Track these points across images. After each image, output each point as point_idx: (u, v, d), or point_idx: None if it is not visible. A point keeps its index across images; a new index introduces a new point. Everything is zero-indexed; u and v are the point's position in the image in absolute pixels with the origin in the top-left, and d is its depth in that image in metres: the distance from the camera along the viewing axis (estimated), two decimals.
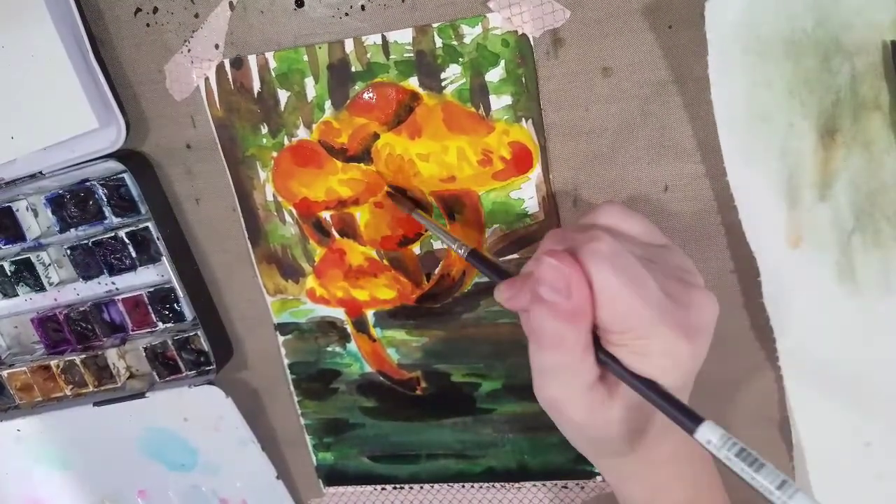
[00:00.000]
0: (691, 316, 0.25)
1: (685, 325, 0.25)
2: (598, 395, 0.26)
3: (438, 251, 0.38)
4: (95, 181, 0.40)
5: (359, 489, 0.46)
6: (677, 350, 0.25)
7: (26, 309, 0.45)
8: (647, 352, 0.25)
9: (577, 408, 0.26)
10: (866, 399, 0.34)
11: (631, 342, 0.25)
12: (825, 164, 0.31)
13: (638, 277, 0.24)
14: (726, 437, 0.23)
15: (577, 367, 0.25)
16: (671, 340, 0.25)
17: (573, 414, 0.26)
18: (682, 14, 0.31)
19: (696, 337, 0.25)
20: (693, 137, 0.33)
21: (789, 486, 0.21)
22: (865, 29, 0.29)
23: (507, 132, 0.35)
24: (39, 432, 0.47)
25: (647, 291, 0.24)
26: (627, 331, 0.25)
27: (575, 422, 0.27)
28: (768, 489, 0.21)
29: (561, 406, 0.27)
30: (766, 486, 0.21)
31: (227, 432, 0.44)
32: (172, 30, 0.36)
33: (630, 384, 0.25)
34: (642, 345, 0.25)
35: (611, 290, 0.24)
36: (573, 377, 0.26)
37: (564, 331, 0.25)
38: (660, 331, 0.24)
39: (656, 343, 0.25)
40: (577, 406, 0.26)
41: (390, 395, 0.43)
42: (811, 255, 0.32)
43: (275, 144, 0.38)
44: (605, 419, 0.26)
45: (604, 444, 0.28)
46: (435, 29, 0.34)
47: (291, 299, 0.41)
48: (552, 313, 0.25)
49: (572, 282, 0.24)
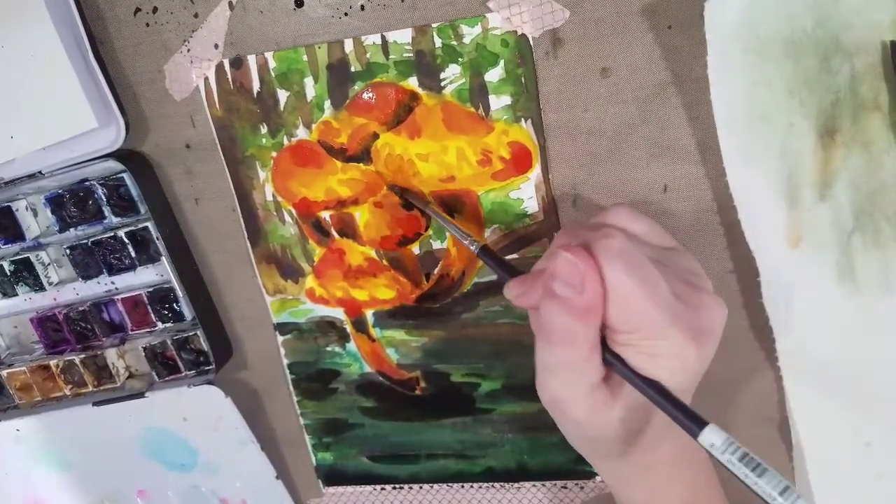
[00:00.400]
0: (700, 319, 0.25)
1: (694, 328, 0.25)
2: (601, 395, 0.26)
3: (438, 251, 0.38)
4: (95, 181, 0.40)
5: (358, 489, 0.46)
6: (686, 353, 0.25)
7: (26, 309, 0.45)
8: (655, 353, 0.25)
9: (580, 407, 0.26)
10: (866, 399, 0.34)
11: (639, 343, 0.25)
12: (825, 164, 0.31)
13: (650, 278, 0.24)
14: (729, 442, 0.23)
15: (583, 366, 0.25)
16: (680, 343, 0.24)
17: (575, 413, 0.26)
18: (681, 14, 0.31)
19: (704, 340, 0.25)
20: (692, 138, 0.33)
21: (791, 492, 0.21)
22: (865, 29, 0.29)
23: (507, 132, 0.35)
24: (39, 432, 0.47)
25: (659, 292, 0.24)
26: (636, 331, 0.25)
27: (576, 421, 0.27)
28: (770, 495, 0.21)
29: (563, 405, 0.26)
30: (768, 492, 0.21)
31: (227, 432, 0.44)
32: (172, 30, 0.36)
33: (636, 385, 0.25)
34: (651, 346, 0.25)
35: (623, 289, 0.24)
36: (579, 376, 0.26)
37: (575, 327, 0.25)
38: (669, 333, 0.24)
39: (665, 345, 0.24)
40: (579, 405, 0.26)
41: (390, 395, 0.43)
42: (811, 255, 0.32)
43: (274, 144, 0.38)
44: (606, 420, 0.26)
45: (601, 445, 0.28)
46: (434, 29, 0.34)
47: (291, 299, 0.41)
48: (564, 309, 0.25)
49: (586, 277, 0.24)
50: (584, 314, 0.25)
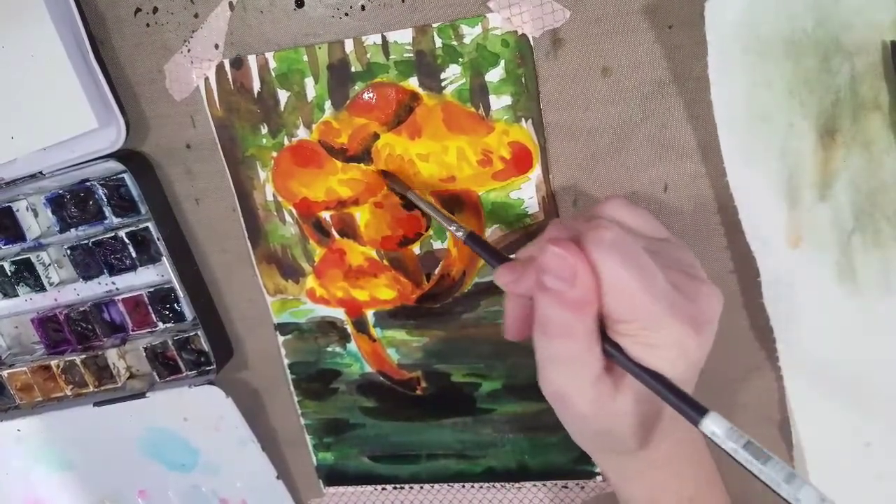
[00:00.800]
0: (698, 308, 0.26)
1: (693, 316, 0.25)
2: (604, 386, 0.26)
3: (438, 251, 0.38)
4: (95, 181, 0.40)
5: (359, 489, 0.46)
6: (685, 342, 0.25)
7: (26, 309, 0.45)
8: (654, 343, 0.25)
9: (584, 399, 0.26)
10: (866, 399, 0.34)
11: (638, 333, 0.25)
12: (825, 164, 0.31)
13: (645, 267, 0.24)
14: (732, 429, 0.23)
15: (584, 357, 0.25)
16: (679, 332, 0.25)
17: (579, 406, 0.26)
18: (682, 14, 0.31)
19: (702, 329, 0.25)
20: (693, 137, 0.33)
21: (797, 479, 0.21)
22: (865, 29, 0.29)
23: (507, 132, 0.35)
24: (39, 432, 0.47)
25: (655, 281, 0.24)
26: (634, 321, 0.25)
27: (581, 414, 0.27)
28: (775, 481, 0.21)
29: (567, 398, 0.26)
30: (773, 479, 0.21)
31: (228, 432, 0.44)
32: (172, 30, 0.36)
33: (635, 375, 0.25)
34: (650, 336, 0.25)
35: (618, 279, 0.24)
36: (580, 367, 0.26)
37: (571, 320, 0.25)
38: (667, 322, 0.24)
39: (664, 334, 0.25)
40: (583, 398, 0.26)
41: (390, 395, 0.43)
42: (811, 255, 0.32)
43: (275, 144, 0.38)
44: (612, 411, 0.26)
45: (609, 439, 0.28)
46: (435, 29, 0.34)
47: (291, 299, 0.41)
48: (558, 302, 0.25)
49: (577, 271, 0.24)
50: (578, 307, 0.25)
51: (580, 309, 0.25)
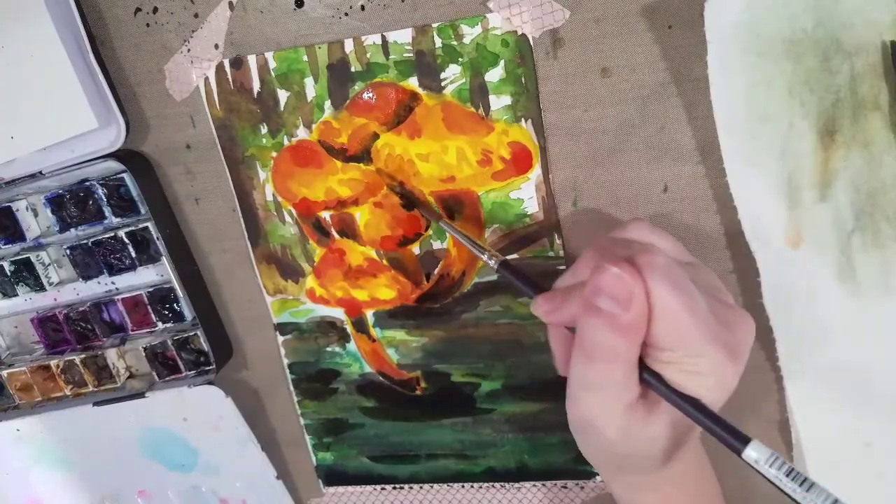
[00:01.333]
0: (733, 335, 0.25)
1: (731, 344, 0.25)
2: (637, 413, 0.26)
3: (438, 251, 0.38)
4: (95, 181, 0.40)
5: (358, 489, 0.46)
6: (724, 370, 0.25)
7: (26, 309, 0.45)
8: (696, 371, 0.24)
9: (613, 426, 0.26)
10: (866, 399, 0.34)
11: (682, 360, 0.24)
12: (825, 164, 0.31)
13: (692, 295, 0.24)
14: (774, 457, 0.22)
15: (623, 383, 0.25)
16: (720, 360, 0.24)
17: (609, 433, 0.26)
18: (681, 14, 0.31)
19: (739, 357, 0.25)
20: (692, 138, 0.33)
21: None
22: (865, 29, 0.29)
23: (507, 132, 0.35)
24: (39, 432, 0.47)
25: (701, 310, 0.24)
26: (679, 348, 0.24)
27: (608, 440, 0.26)
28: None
29: (596, 423, 0.26)
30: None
31: (227, 432, 0.44)
32: (172, 30, 0.36)
33: (675, 403, 0.25)
34: (693, 363, 0.24)
35: (670, 306, 0.24)
36: (617, 394, 0.25)
37: (619, 344, 0.24)
38: (708, 350, 0.24)
39: (706, 362, 0.24)
40: (613, 424, 0.26)
41: (390, 395, 0.43)
42: (811, 255, 0.32)
43: (274, 144, 0.38)
44: (643, 437, 0.26)
45: (632, 461, 0.27)
46: (434, 29, 0.34)
47: (291, 299, 0.41)
48: (609, 325, 0.24)
49: (634, 294, 0.24)
50: (629, 331, 0.24)
51: (630, 334, 0.24)
